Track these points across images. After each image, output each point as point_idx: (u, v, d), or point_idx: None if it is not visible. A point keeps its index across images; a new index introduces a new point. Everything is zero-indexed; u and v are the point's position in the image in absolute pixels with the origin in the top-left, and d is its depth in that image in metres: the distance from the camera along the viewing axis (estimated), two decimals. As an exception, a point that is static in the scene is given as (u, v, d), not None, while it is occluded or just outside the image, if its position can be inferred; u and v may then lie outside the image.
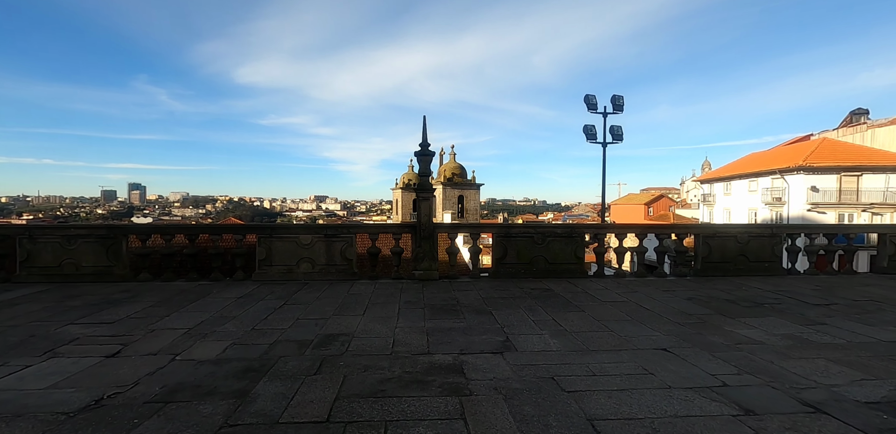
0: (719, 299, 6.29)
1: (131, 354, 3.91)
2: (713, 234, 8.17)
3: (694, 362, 3.84)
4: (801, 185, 29.41)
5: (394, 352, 4.01)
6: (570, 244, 7.80)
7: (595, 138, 17.38)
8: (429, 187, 7.49)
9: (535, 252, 7.73)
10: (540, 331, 4.72)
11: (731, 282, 7.57)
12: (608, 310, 5.64)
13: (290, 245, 7.31)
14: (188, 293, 6.36)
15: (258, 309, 5.50)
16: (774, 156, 36.14)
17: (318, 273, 7.33)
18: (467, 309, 5.60)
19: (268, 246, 7.27)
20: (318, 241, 7.34)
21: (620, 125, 17.12)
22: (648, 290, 6.89)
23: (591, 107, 17.22)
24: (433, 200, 7.51)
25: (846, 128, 36.30)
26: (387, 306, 5.70)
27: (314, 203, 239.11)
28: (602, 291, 6.73)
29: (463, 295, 6.39)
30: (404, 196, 63.94)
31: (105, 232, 7.14)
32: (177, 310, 5.43)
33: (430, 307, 5.68)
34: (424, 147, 7.48)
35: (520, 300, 6.10)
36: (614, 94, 17.20)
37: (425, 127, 7.53)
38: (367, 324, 4.90)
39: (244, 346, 4.11)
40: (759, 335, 4.64)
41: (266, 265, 7.29)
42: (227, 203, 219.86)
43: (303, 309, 5.52)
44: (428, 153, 7.48)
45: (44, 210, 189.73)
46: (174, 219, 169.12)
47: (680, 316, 5.38)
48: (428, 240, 7.48)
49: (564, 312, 5.48)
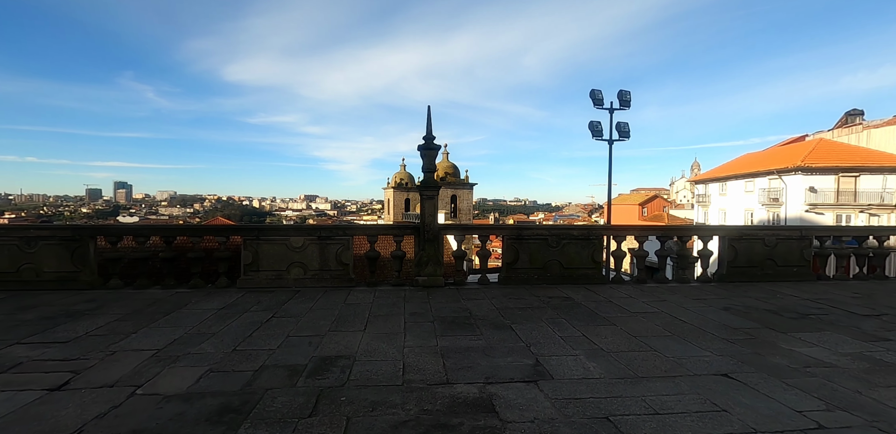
0: (759, 309, 5.67)
1: (82, 386, 3.16)
2: (739, 237, 7.56)
3: (768, 393, 3.18)
4: (798, 185, 29.12)
5: (406, 381, 3.31)
6: (587, 247, 7.15)
7: (601, 135, 16.72)
8: (434, 185, 6.79)
9: (548, 256, 7.06)
10: (573, 350, 4.04)
11: (761, 288, 6.96)
12: (642, 323, 4.97)
13: (279, 248, 6.57)
14: (162, 304, 5.59)
15: (242, 323, 4.76)
16: (770, 156, 35.90)
17: (311, 279, 6.59)
18: (483, 322, 4.91)
19: (254, 249, 6.52)
20: (310, 244, 6.61)
21: (627, 122, 16.66)
22: (677, 298, 6.25)
23: (596, 102, 16.53)
24: (438, 200, 6.81)
25: (842, 128, 36.17)
26: (390, 319, 4.99)
27: (304, 202, 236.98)
28: (627, 300, 6.07)
29: (474, 305, 5.70)
30: (396, 195, 63.17)
31: (70, 233, 6.34)
32: (147, 325, 4.67)
33: (440, 320, 4.98)
34: (429, 140, 6.78)
35: (539, 311, 5.42)
36: (621, 90, 16.58)
37: (430, 118, 6.83)
38: (370, 342, 4.19)
39: (223, 375, 3.38)
40: (824, 355, 4.01)
41: (252, 271, 6.54)
42: (216, 202, 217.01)
43: (294, 323, 4.79)
44: (433, 147, 6.78)
45: (27, 209, 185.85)
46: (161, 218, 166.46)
47: (724, 330, 4.73)
48: (432, 242, 6.78)
49: (594, 326, 4.81)
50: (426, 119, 6.84)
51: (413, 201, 62.95)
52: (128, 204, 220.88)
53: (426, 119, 6.84)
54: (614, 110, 16.43)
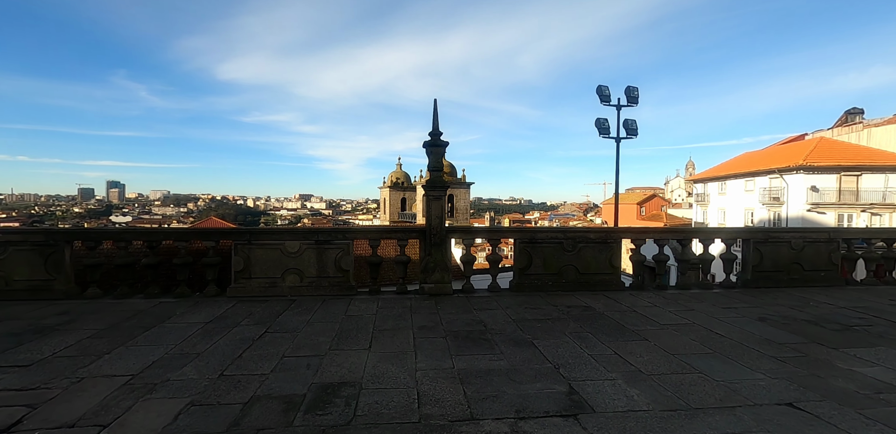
0: (797, 320, 5.20)
1: (36, 427, 2.64)
2: (765, 240, 7.11)
3: (849, 430, 2.70)
4: (800, 184, 28.81)
5: (423, 416, 2.80)
6: (605, 251, 6.66)
7: (608, 132, 16.19)
8: (441, 184, 6.28)
9: (564, 260, 6.57)
10: (608, 373, 3.55)
11: (790, 295, 6.50)
12: (676, 337, 4.49)
13: (273, 253, 6.04)
14: (143, 316, 5.06)
15: (231, 340, 4.23)
16: (770, 155, 35.61)
17: (308, 287, 6.07)
18: (501, 338, 4.41)
19: (246, 255, 5.99)
20: (307, 249, 6.09)
21: (634, 119, 16.13)
22: (705, 307, 5.78)
23: (603, 99, 15.97)
24: (445, 201, 6.31)
25: (842, 127, 35.94)
26: (398, 334, 4.48)
27: (299, 202, 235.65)
28: (653, 310, 5.59)
29: (488, 316, 5.20)
30: (392, 195, 62.63)
31: (43, 238, 5.79)
32: (123, 343, 4.14)
33: (452, 335, 4.47)
34: (436, 135, 6.27)
35: (560, 323, 4.93)
36: (628, 86, 16.04)
37: (436, 112, 6.32)
38: (377, 364, 3.68)
39: (206, 410, 2.86)
40: (892, 377, 3.54)
41: (244, 278, 6.01)
42: (210, 201, 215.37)
43: (289, 340, 4.27)
44: (440, 143, 6.27)
45: (18, 208, 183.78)
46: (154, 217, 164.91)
47: (769, 346, 4.26)
48: (439, 247, 6.28)
49: (624, 342, 4.32)
50: (432, 113, 6.33)
51: (409, 201, 62.43)
52: (121, 203, 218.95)
53: (432, 113, 6.33)
54: (622, 107, 15.90)
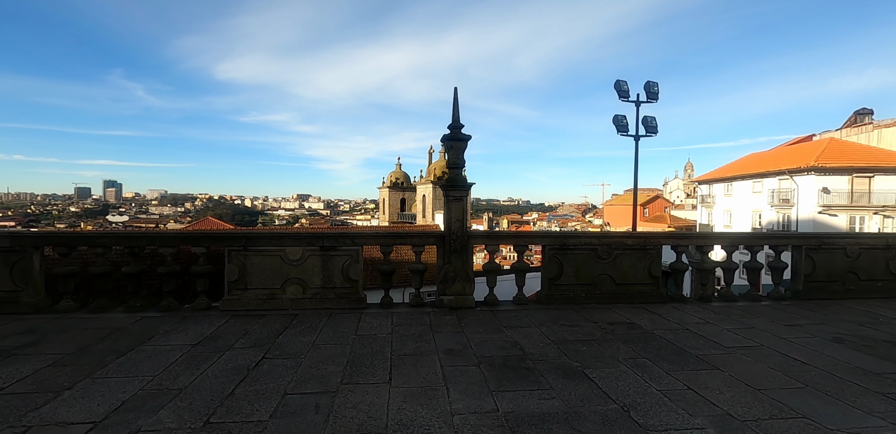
0: (877, 341, 4.50)
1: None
2: (818, 246, 6.41)
3: None
4: (811, 186, 28.16)
5: (474, 492, 2.09)
6: (643, 259, 5.96)
7: (626, 130, 15.39)
8: (462, 184, 5.57)
9: (598, 269, 5.87)
10: (691, 417, 2.84)
11: (851, 309, 5.81)
12: (749, 365, 3.79)
13: (272, 261, 5.32)
14: (120, 336, 4.33)
15: (222, 370, 3.51)
16: (778, 156, 34.99)
17: (312, 299, 5.35)
18: (544, 366, 3.70)
19: (241, 262, 5.27)
20: (310, 256, 5.37)
21: (654, 116, 15.31)
22: (763, 324, 5.07)
23: (622, 94, 15.12)
24: (468, 202, 5.60)
25: (851, 128, 35.32)
26: (422, 361, 3.76)
27: (297, 202, 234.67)
28: (706, 327, 4.89)
29: (522, 336, 4.48)
30: (392, 195, 61.92)
31: (8, 243, 5.05)
32: (91, 373, 3.41)
33: (487, 363, 3.75)
34: (456, 128, 5.56)
35: (608, 346, 4.22)
36: (648, 81, 15.24)
37: (457, 102, 5.61)
38: (403, 405, 2.96)
39: (183, 482, 2.14)
40: None
41: (239, 289, 5.28)
42: (207, 201, 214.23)
43: (292, 369, 3.55)
44: (461, 137, 5.55)
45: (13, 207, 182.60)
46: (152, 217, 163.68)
47: (865, 378, 3.56)
48: (460, 254, 5.56)
49: (693, 371, 3.62)
50: (452, 104, 5.62)
51: (409, 201, 61.72)
52: (117, 203, 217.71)
53: (452, 104, 5.62)
54: (640, 103, 15.00)
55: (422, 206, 55.25)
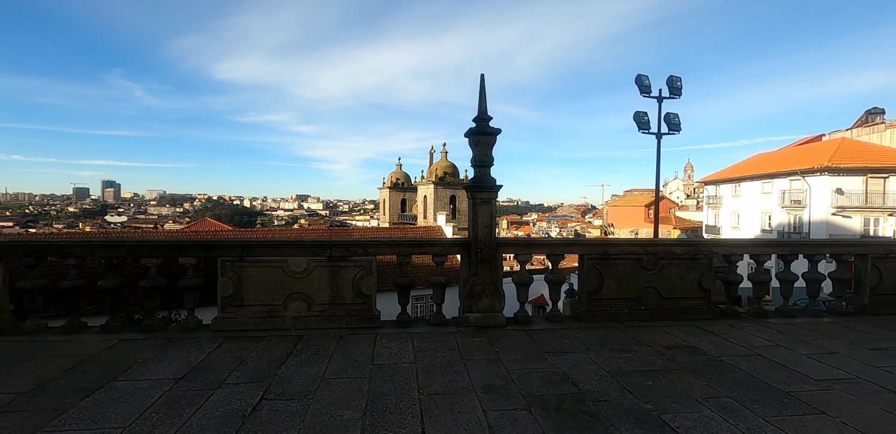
0: None
1: None
2: (885, 255, 5.71)
3: None
4: (824, 186, 27.48)
5: None
6: (693, 270, 5.26)
7: (648, 127, 14.55)
8: (491, 185, 4.86)
9: (642, 282, 5.17)
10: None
11: (929, 326, 5.11)
12: (858, 406, 3.08)
13: (272, 273, 4.61)
14: (91, 366, 3.61)
15: (209, 418, 2.80)
16: (788, 156, 34.31)
17: (318, 317, 4.64)
18: (608, 408, 2.99)
19: (237, 275, 4.56)
20: (317, 268, 4.66)
21: (677, 112, 14.40)
22: (841, 346, 4.37)
23: (643, 90, 14.17)
24: (495, 205, 4.88)
25: (862, 127, 34.64)
26: (457, 403, 3.05)
27: (296, 202, 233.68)
28: (779, 352, 4.18)
29: (569, 364, 3.77)
30: (392, 196, 61.15)
31: (-35, 253, 4.34)
32: (44, 424, 2.70)
33: (538, 404, 3.04)
34: (483, 120, 4.85)
35: (674, 378, 3.51)
36: (671, 76, 14.34)
37: (484, 91, 4.90)
38: (445, 476, 2.25)
39: None
40: None
41: (234, 305, 4.57)
42: (206, 201, 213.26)
43: (298, 415, 2.84)
44: (489, 131, 4.84)
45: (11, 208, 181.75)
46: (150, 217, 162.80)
47: None
48: (488, 264, 4.86)
49: (794, 416, 2.91)
50: (478, 92, 4.91)
51: (409, 202, 60.97)
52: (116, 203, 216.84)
53: (478, 92, 4.91)
54: (663, 99, 14.04)
55: (423, 206, 54.54)
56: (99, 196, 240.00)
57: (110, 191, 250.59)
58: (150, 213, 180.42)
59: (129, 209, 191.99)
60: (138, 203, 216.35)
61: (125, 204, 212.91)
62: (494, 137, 4.88)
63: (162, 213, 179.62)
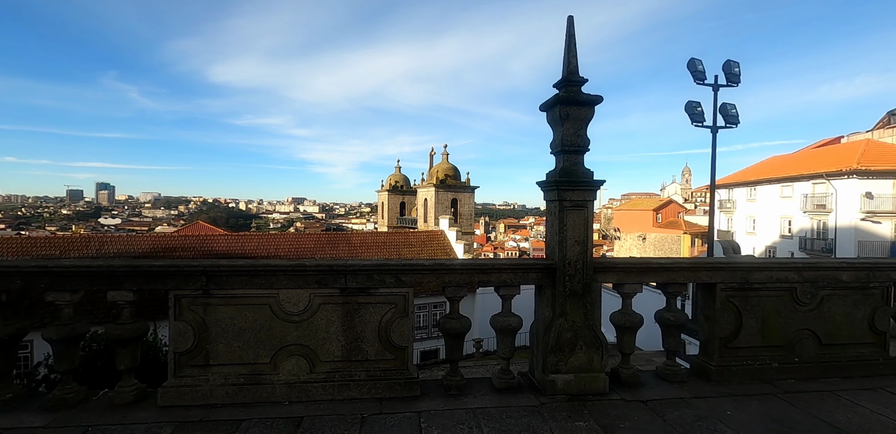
0: None
1: None
2: None
3: None
4: (851, 190, 25.98)
5: None
6: (863, 304, 3.66)
7: (701, 120, 12.83)
8: (587, 179, 3.24)
9: (795, 322, 3.56)
10: None
11: None
12: None
13: (255, 315, 2.98)
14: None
15: None
16: (807, 159, 32.86)
17: (326, 383, 3.01)
18: None
19: (199, 318, 2.92)
20: (324, 306, 3.03)
21: (734, 103, 12.30)
22: None
23: (697, 76, 12.29)
24: (592, 212, 3.28)
25: (884, 129, 33.25)
26: None
27: (292, 205, 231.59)
28: None
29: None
30: (391, 199, 59.50)
31: None
32: None
33: None
34: (573, 83, 3.23)
35: None
36: (728, 60, 12.36)
37: (572, 40, 3.29)
38: None
39: None
40: None
41: (195, 366, 2.94)
42: (201, 204, 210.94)
43: None
44: (584, 99, 3.22)
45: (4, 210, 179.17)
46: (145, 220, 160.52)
47: None
48: (580, 299, 3.24)
49: None
50: (564, 43, 3.31)
51: (408, 205, 59.36)
52: (110, 205, 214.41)
53: (564, 43, 3.31)
54: (719, 87, 12.12)
55: (423, 210, 52.96)
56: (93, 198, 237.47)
57: (104, 193, 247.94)
58: (144, 216, 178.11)
59: (124, 212, 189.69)
60: (133, 205, 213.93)
61: (119, 206, 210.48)
62: (592, 109, 3.26)
63: (157, 216, 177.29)
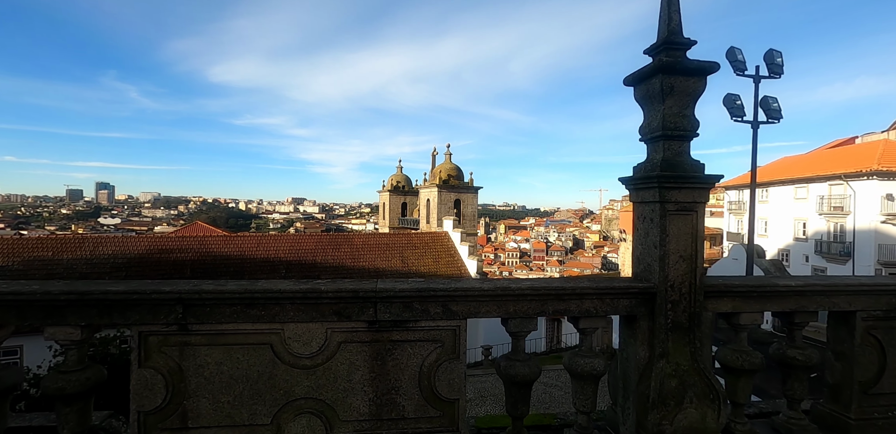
0: None
1: None
2: None
3: None
4: (871, 192, 25.14)
5: None
6: None
7: (741, 114, 11.66)
8: (697, 173, 2.44)
9: (951, 360, 2.74)
10: None
11: None
12: None
13: (250, 358, 2.16)
14: None
15: None
16: (822, 160, 32.05)
17: (347, 450, 2.20)
18: None
19: (173, 363, 2.11)
20: (345, 345, 2.22)
21: (776, 96, 11.48)
22: None
23: (736, 67, 11.47)
24: (702, 218, 2.49)
25: (901, 129, 32.50)
26: None
27: (292, 205, 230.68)
28: None
29: None
30: (392, 199, 58.64)
31: None
32: None
33: None
34: (676, 47, 2.42)
35: None
36: (771, 49, 11.33)
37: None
38: None
39: None
40: None
41: (169, 429, 2.12)
42: (201, 204, 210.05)
43: None
44: (692, 66, 2.41)
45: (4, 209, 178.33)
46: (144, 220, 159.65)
47: None
48: (686, 334, 2.42)
49: None
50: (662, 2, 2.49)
51: (410, 205, 58.52)
52: (110, 205, 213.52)
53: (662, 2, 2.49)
54: (760, 78, 10.87)
55: (425, 211, 52.12)
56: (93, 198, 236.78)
57: (104, 193, 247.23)
58: (144, 216, 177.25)
59: (123, 211, 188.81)
60: (132, 205, 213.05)
61: (119, 206, 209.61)
62: (703, 80, 2.44)
63: (156, 216, 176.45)
